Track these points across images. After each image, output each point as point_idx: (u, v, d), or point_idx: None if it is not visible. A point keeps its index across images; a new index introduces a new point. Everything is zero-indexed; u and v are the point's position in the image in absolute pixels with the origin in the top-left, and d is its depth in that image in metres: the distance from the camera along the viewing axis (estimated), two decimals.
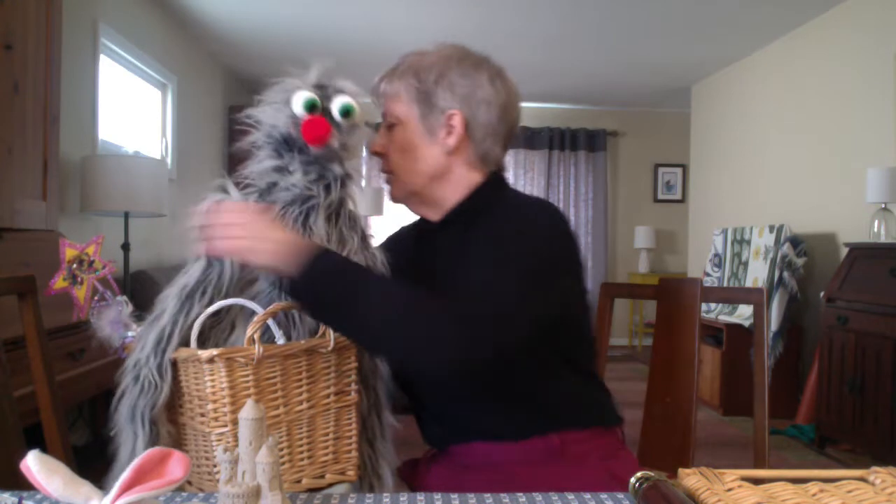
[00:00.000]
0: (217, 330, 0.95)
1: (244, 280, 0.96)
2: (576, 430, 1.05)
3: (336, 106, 0.96)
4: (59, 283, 1.07)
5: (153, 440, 0.89)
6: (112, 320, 1.03)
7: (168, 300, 0.93)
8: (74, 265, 1.08)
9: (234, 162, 5.63)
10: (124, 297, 1.07)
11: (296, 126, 0.95)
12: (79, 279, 1.08)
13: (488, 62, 1.12)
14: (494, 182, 1.12)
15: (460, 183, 1.11)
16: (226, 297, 0.93)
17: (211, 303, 0.92)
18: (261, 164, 0.98)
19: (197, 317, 0.91)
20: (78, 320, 1.06)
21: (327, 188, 0.96)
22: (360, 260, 0.97)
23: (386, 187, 1.14)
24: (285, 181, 0.96)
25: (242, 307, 0.94)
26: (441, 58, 1.11)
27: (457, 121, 1.08)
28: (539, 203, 1.07)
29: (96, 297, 1.08)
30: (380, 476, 0.98)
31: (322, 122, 0.94)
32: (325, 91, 0.97)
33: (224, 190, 0.98)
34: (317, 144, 0.94)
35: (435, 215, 1.12)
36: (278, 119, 0.96)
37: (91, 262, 1.11)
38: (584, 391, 1.09)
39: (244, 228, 0.90)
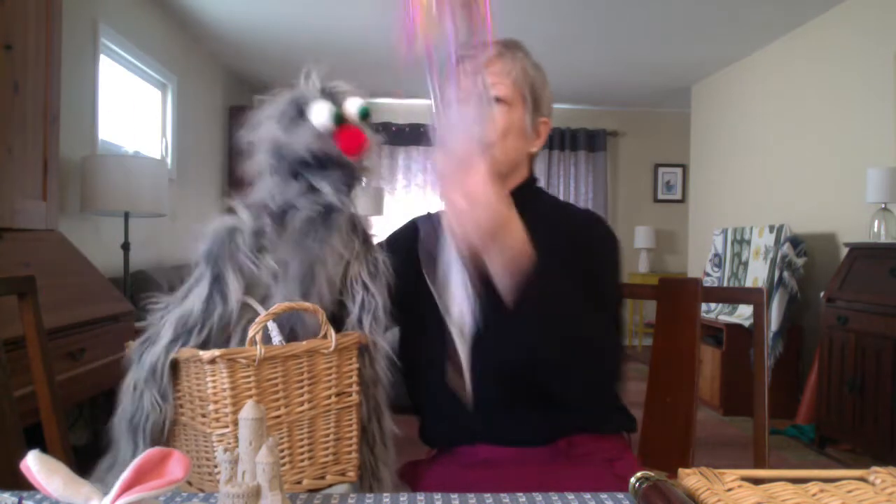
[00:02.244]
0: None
1: (245, 320, 0.91)
2: (586, 434, 1.06)
3: (353, 109, 0.91)
4: None
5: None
6: (464, 120, 0.85)
7: (164, 326, 0.89)
8: None
9: (234, 162, 5.64)
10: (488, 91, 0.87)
11: (322, 140, 0.88)
12: None
13: None
14: (535, 181, 1.17)
15: (519, 181, 1.14)
16: (226, 337, 0.90)
17: (207, 339, 0.88)
18: (279, 186, 0.91)
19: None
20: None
21: (349, 187, 0.93)
22: (363, 264, 0.96)
23: None
24: (306, 199, 0.90)
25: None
26: (538, 66, 1.13)
27: (544, 130, 1.14)
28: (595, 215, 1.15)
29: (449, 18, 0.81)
30: (379, 479, 0.97)
31: (357, 132, 0.89)
32: (334, 98, 0.92)
33: (232, 211, 0.92)
34: (355, 155, 0.89)
35: None
36: (297, 137, 0.88)
37: None
38: (605, 397, 1.09)
39: (460, 188, 0.80)
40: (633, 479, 0.70)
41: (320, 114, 0.87)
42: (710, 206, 5.64)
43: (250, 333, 0.83)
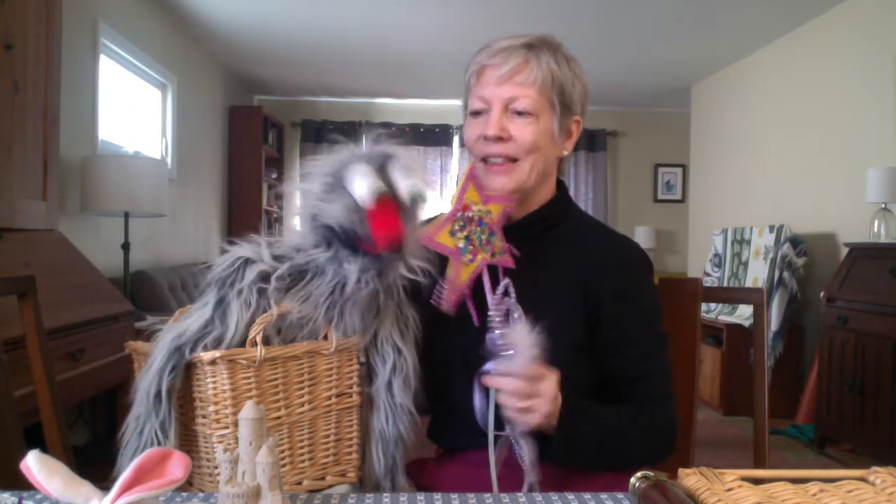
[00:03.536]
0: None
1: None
2: None
3: (405, 189, 0.77)
4: (443, 235, 0.81)
5: None
6: (523, 341, 0.85)
7: (157, 347, 0.84)
8: (470, 217, 0.79)
9: (234, 163, 5.64)
10: (516, 305, 0.85)
11: (352, 215, 0.78)
12: (471, 247, 0.81)
13: None
14: (566, 193, 1.13)
15: (549, 188, 1.09)
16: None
17: None
18: (311, 245, 0.85)
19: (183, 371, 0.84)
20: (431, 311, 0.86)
21: (380, 276, 0.84)
22: (395, 323, 0.93)
23: (500, 177, 1.00)
24: (331, 267, 0.83)
25: None
26: (568, 55, 1.04)
27: (576, 129, 1.07)
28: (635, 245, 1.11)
29: (496, 303, 0.84)
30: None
31: (394, 219, 0.76)
32: (384, 169, 0.81)
33: (257, 253, 0.86)
34: (385, 246, 0.77)
35: (515, 215, 1.04)
36: (331, 205, 0.80)
37: (489, 231, 0.82)
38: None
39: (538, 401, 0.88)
40: (633, 479, 0.70)
41: (361, 184, 0.75)
42: (710, 206, 5.64)
43: (251, 335, 0.82)
